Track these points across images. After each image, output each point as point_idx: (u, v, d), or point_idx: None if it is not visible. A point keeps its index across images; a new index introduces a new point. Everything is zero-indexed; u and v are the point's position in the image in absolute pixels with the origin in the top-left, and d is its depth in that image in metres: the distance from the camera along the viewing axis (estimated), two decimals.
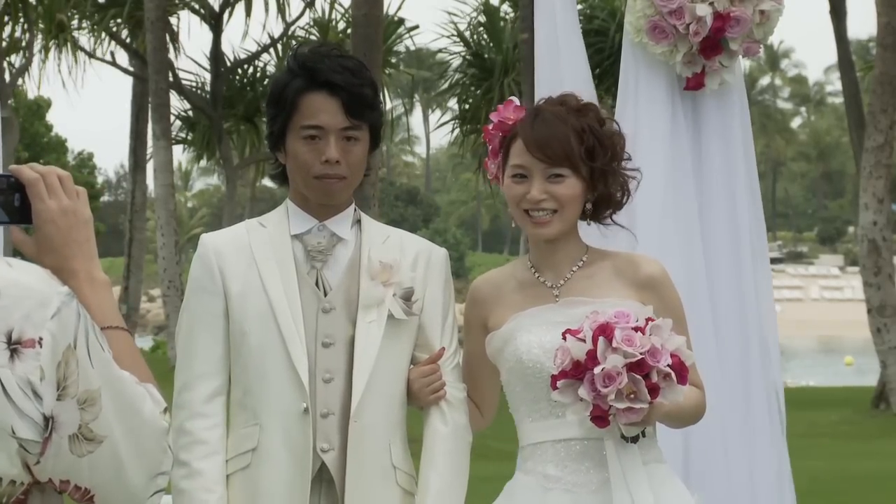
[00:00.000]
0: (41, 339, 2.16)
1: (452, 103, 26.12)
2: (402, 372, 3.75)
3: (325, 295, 3.70)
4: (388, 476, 3.71)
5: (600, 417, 3.57)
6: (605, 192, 3.84)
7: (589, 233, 3.98)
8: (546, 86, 5.02)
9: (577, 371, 3.57)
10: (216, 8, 26.55)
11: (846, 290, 73.93)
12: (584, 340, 3.59)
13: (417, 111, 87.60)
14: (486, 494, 4.02)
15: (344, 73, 3.67)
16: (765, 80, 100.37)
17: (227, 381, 3.70)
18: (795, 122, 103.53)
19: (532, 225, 3.86)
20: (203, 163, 29.42)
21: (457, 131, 24.83)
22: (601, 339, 3.55)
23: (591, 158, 3.80)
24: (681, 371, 3.59)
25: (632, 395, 3.54)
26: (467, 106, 24.39)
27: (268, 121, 3.76)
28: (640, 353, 3.53)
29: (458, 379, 3.85)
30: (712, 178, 5.05)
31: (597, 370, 3.53)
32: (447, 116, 27.70)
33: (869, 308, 19.17)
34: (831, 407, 20.36)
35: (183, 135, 26.89)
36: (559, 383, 3.60)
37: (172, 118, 24.30)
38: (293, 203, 3.79)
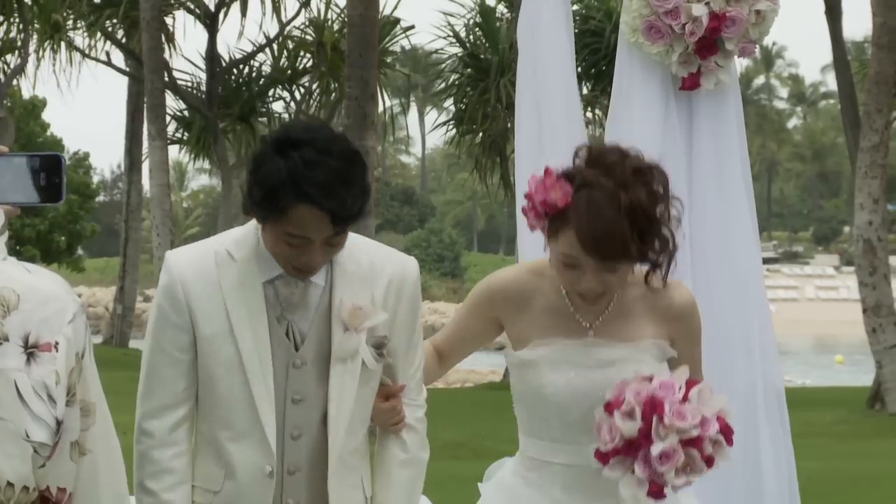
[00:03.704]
0: (57, 343, 2.18)
1: (448, 103, 26.12)
2: (369, 408, 3.66)
3: (297, 349, 3.57)
4: None
5: (657, 492, 3.65)
6: (657, 257, 3.76)
7: None
8: (528, 77, 5.03)
9: (630, 449, 3.63)
10: (211, 8, 26.55)
11: (841, 290, 73.94)
12: (631, 415, 3.62)
13: (413, 111, 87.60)
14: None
15: (336, 186, 3.36)
16: (760, 80, 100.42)
17: (192, 407, 3.60)
18: (791, 123, 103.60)
19: (580, 298, 3.83)
20: (199, 163, 29.42)
21: (453, 132, 24.84)
22: (654, 417, 3.60)
23: (643, 240, 3.69)
24: (728, 433, 3.66)
25: (687, 468, 3.62)
26: (463, 106, 24.39)
27: (249, 191, 3.42)
28: (695, 429, 3.59)
29: (419, 392, 3.76)
30: (706, 178, 5.05)
31: (654, 450, 3.59)
32: (443, 117, 27.71)
33: (864, 308, 19.17)
34: (827, 407, 20.37)
35: (178, 135, 26.89)
36: (612, 461, 3.65)
37: (168, 118, 24.30)
38: (265, 249, 3.56)
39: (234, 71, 26.60)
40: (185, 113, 26.62)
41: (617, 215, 3.62)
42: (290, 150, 3.35)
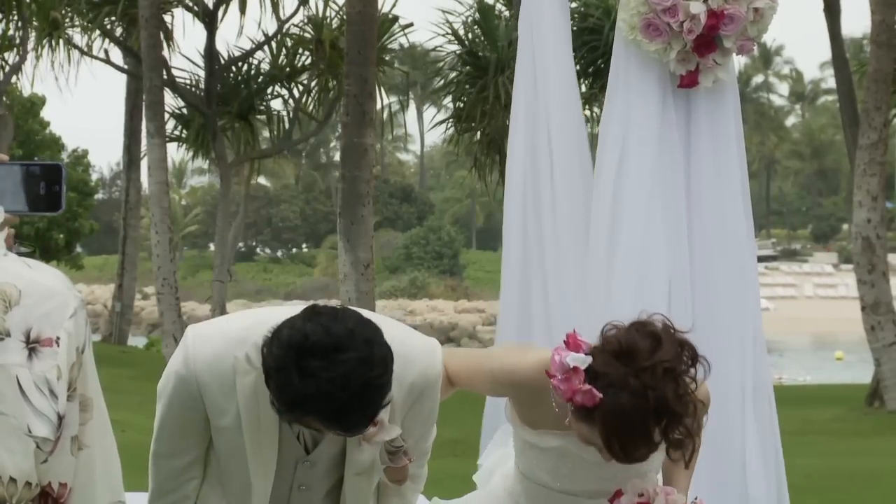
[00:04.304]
0: (58, 338, 2.19)
1: (447, 101, 26.10)
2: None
3: (307, 452, 3.58)
4: None
5: None
6: (679, 439, 3.70)
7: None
8: (524, 78, 5.03)
9: None
10: (210, 5, 26.54)
11: (840, 288, 73.94)
12: None
13: (412, 109, 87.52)
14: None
15: (349, 414, 3.25)
16: (759, 78, 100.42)
17: (204, 450, 3.64)
18: (790, 120, 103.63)
19: None
20: (197, 160, 29.41)
21: (451, 129, 24.83)
22: None
23: (667, 431, 3.63)
24: None
25: None
26: (462, 104, 24.37)
27: (266, 379, 3.30)
28: None
29: (425, 440, 3.77)
30: (703, 175, 5.06)
31: None
32: (442, 114, 27.72)
33: (863, 305, 19.19)
34: (825, 404, 20.38)
35: (177, 132, 26.86)
36: None
37: (167, 116, 24.28)
38: None
39: (233, 68, 26.57)
40: (184, 110, 26.59)
41: (644, 420, 3.58)
42: (308, 375, 3.19)
